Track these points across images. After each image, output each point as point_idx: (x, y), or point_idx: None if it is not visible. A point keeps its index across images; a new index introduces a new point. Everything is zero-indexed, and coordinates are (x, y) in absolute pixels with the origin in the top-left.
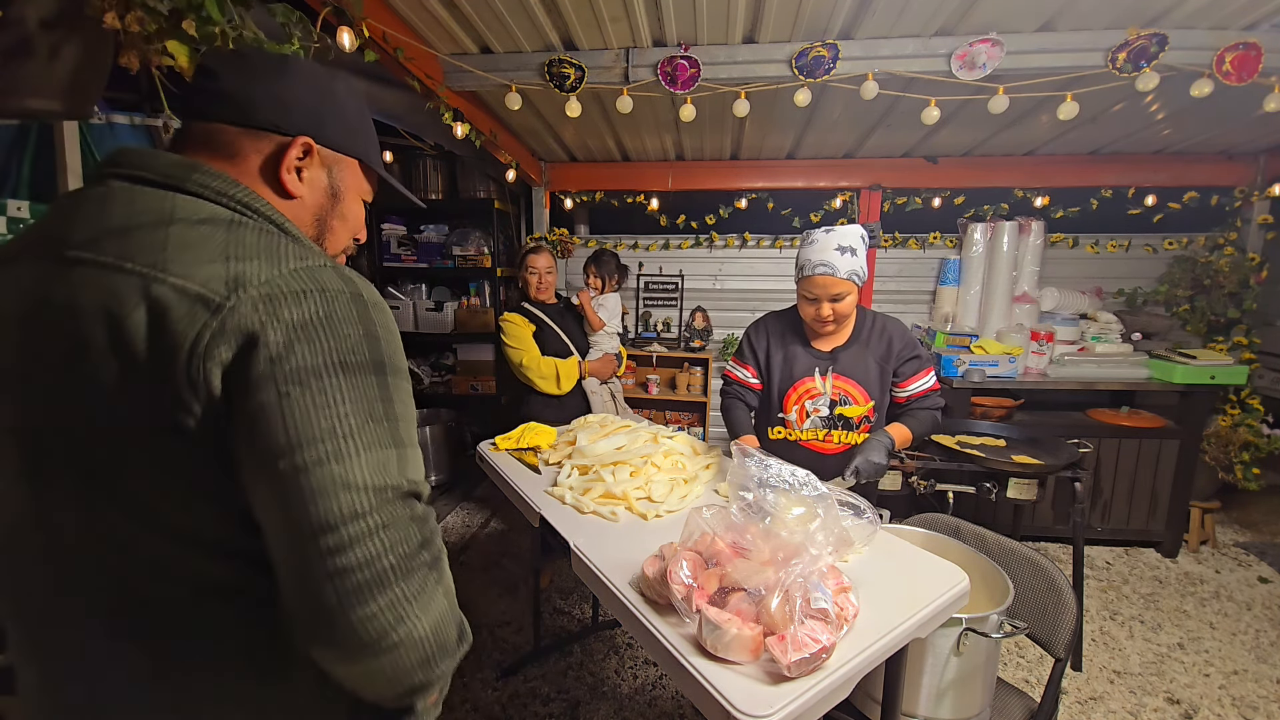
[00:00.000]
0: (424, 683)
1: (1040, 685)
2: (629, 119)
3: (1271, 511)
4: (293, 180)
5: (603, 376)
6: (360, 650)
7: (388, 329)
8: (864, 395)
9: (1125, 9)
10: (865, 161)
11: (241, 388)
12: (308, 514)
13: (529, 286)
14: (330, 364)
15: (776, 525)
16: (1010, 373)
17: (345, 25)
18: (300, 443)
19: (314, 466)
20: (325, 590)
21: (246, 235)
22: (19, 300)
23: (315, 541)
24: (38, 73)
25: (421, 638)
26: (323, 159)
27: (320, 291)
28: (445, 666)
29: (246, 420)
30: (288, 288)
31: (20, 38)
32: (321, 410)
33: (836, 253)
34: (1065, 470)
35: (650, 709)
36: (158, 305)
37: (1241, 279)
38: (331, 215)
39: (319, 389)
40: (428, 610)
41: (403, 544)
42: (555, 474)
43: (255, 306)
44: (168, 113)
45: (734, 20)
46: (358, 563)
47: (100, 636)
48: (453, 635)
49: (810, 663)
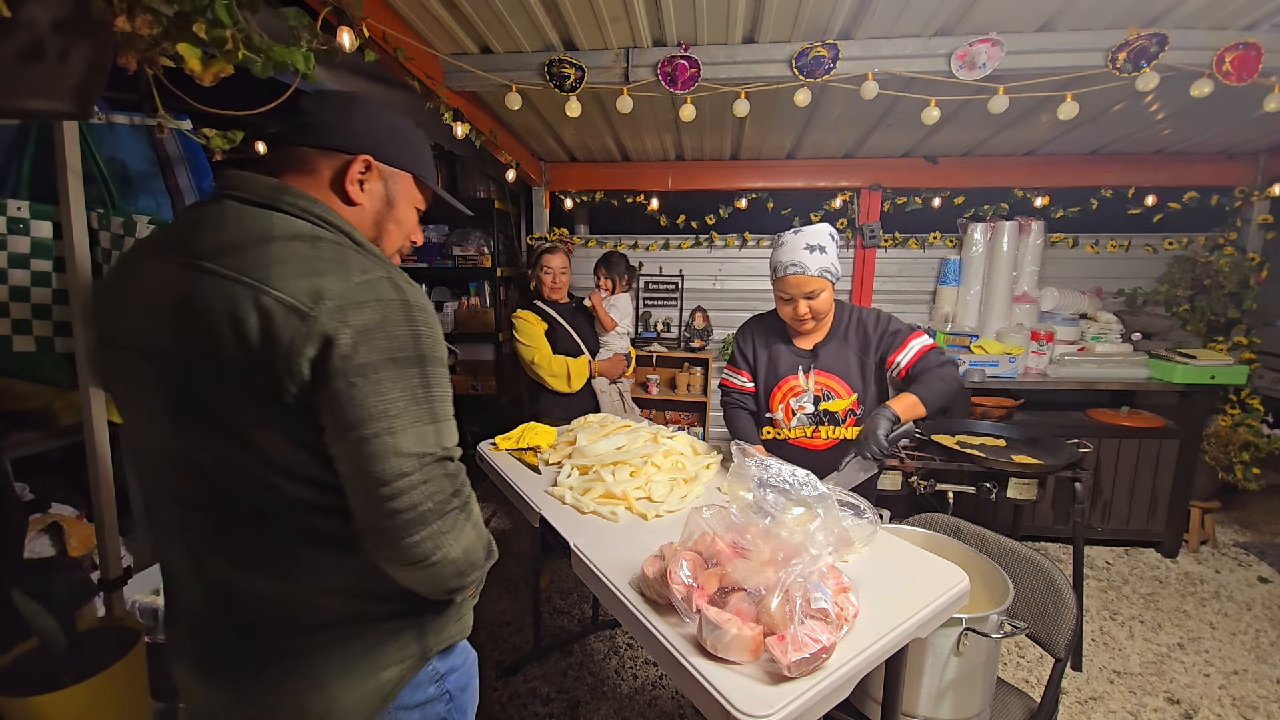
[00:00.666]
0: (459, 587)
1: (1040, 685)
2: (629, 119)
3: (1271, 511)
4: (355, 190)
5: (612, 376)
6: (410, 565)
7: (429, 326)
8: (846, 389)
9: (1125, 9)
10: (865, 161)
11: (322, 376)
12: (369, 472)
13: (542, 285)
14: (384, 360)
15: (776, 525)
16: (1010, 373)
17: (345, 25)
18: (363, 420)
19: (373, 439)
20: (383, 524)
21: (324, 250)
22: (169, 292)
23: (376, 491)
24: (38, 73)
25: (455, 559)
26: (380, 173)
27: (378, 301)
28: (475, 576)
29: (326, 401)
30: (354, 299)
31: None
32: (378, 396)
33: (805, 251)
34: (1065, 470)
35: (650, 709)
36: (265, 312)
37: (1241, 279)
38: (387, 220)
39: (376, 380)
40: (459, 540)
41: (438, 494)
42: (555, 474)
43: (331, 315)
44: (162, 113)
45: (734, 20)
46: (406, 506)
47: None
48: (480, 555)
49: (810, 663)
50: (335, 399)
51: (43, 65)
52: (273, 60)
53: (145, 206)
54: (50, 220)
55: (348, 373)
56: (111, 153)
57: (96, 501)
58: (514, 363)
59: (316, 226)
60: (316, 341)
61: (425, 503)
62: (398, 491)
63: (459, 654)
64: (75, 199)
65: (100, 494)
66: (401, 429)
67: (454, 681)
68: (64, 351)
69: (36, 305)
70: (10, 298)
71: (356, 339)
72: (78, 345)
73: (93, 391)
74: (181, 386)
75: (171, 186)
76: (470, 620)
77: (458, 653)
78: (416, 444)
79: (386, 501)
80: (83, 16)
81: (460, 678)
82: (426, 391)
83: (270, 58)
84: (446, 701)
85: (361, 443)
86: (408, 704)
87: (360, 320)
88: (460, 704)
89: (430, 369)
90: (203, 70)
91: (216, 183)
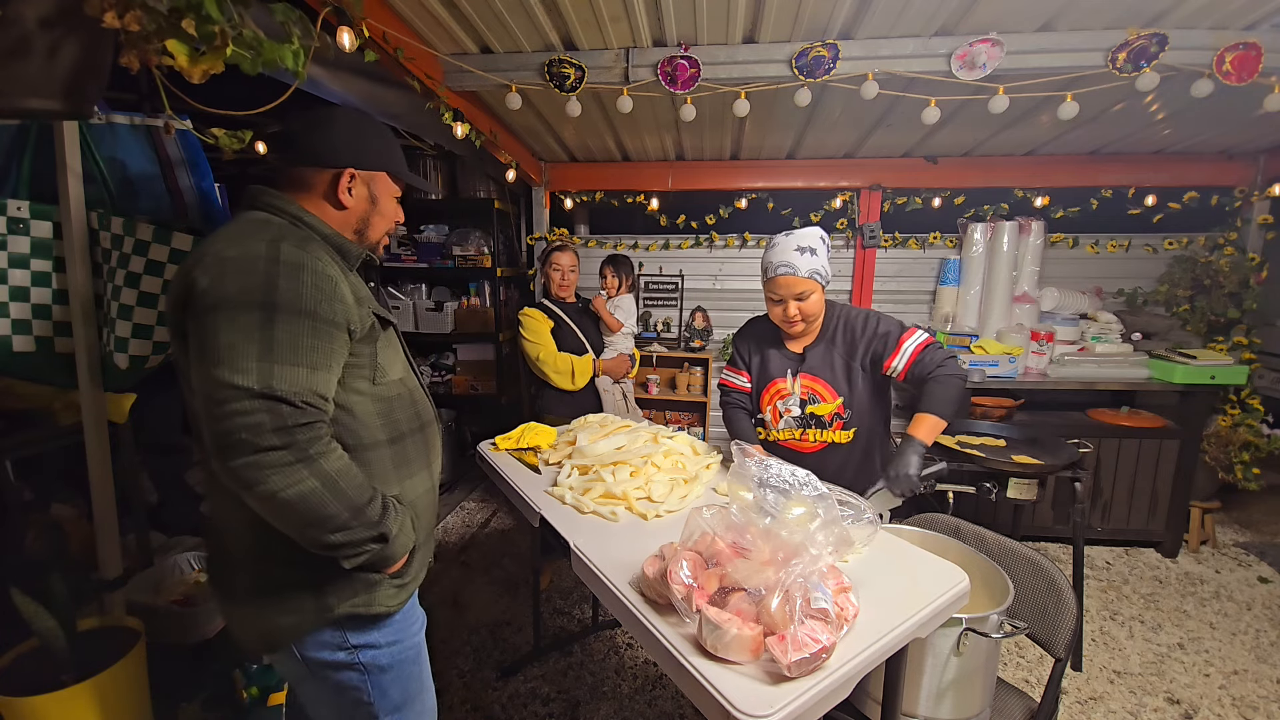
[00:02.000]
0: (321, 541)
1: (1040, 685)
2: (629, 119)
3: (1271, 511)
4: (345, 197)
5: (616, 375)
6: (238, 487)
7: (296, 280)
8: (831, 393)
9: (1125, 9)
10: (865, 161)
11: (190, 314)
12: (200, 393)
13: (551, 283)
14: (225, 301)
15: (776, 525)
16: (1010, 373)
17: (345, 25)
18: (203, 349)
19: (206, 365)
20: (211, 445)
21: (247, 228)
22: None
23: (204, 413)
24: (37, 72)
25: (289, 499)
26: (362, 178)
27: (242, 257)
28: (339, 537)
29: (191, 334)
30: (223, 255)
31: (20, 37)
32: (214, 330)
33: (796, 253)
34: (1065, 470)
35: (650, 709)
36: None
37: (1241, 279)
38: (372, 214)
39: (215, 316)
40: (290, 482)
41: (254, 427)
42: (555, 474)
43: (203, 268)
44: (168, 112)
45: (734, 20)
46: (221, 431)
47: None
48: (333, 512)
49: (810, 663)
50: (193, 333)
51: (41, 65)
52: (263, 57)
53: (145, 206)
54: (50, 220)
55: (199, 311)
56: (111, 153)
57: (96, 501)
58: (514, 363)
59: (270, 215)
60: (189, 286)
61: (239, 431)
62: (217, 417)
63: (385, 634)
64: (75, 199)
65: (100, 494)
66: (226, 360)
67: (370, 657)
68: (64, 351)
69: (36, 305)
70: (10, 298)
71: (210, 284)
72: (78, 345)
73: (93, 391)
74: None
75: (172, 187)
76: (387, 603)
77: (383, 632)
78: (236, 376)
79: (211, 424)
80: (76, 15)
81: (381, 657)
82: (264, 333)
83: (260, 54)
84: (360, 673)
85: (199, 368)
86: (314, 659)
87: (219, 269)
88: (379, 683)
89: (281, 315)
90: (191, 66)
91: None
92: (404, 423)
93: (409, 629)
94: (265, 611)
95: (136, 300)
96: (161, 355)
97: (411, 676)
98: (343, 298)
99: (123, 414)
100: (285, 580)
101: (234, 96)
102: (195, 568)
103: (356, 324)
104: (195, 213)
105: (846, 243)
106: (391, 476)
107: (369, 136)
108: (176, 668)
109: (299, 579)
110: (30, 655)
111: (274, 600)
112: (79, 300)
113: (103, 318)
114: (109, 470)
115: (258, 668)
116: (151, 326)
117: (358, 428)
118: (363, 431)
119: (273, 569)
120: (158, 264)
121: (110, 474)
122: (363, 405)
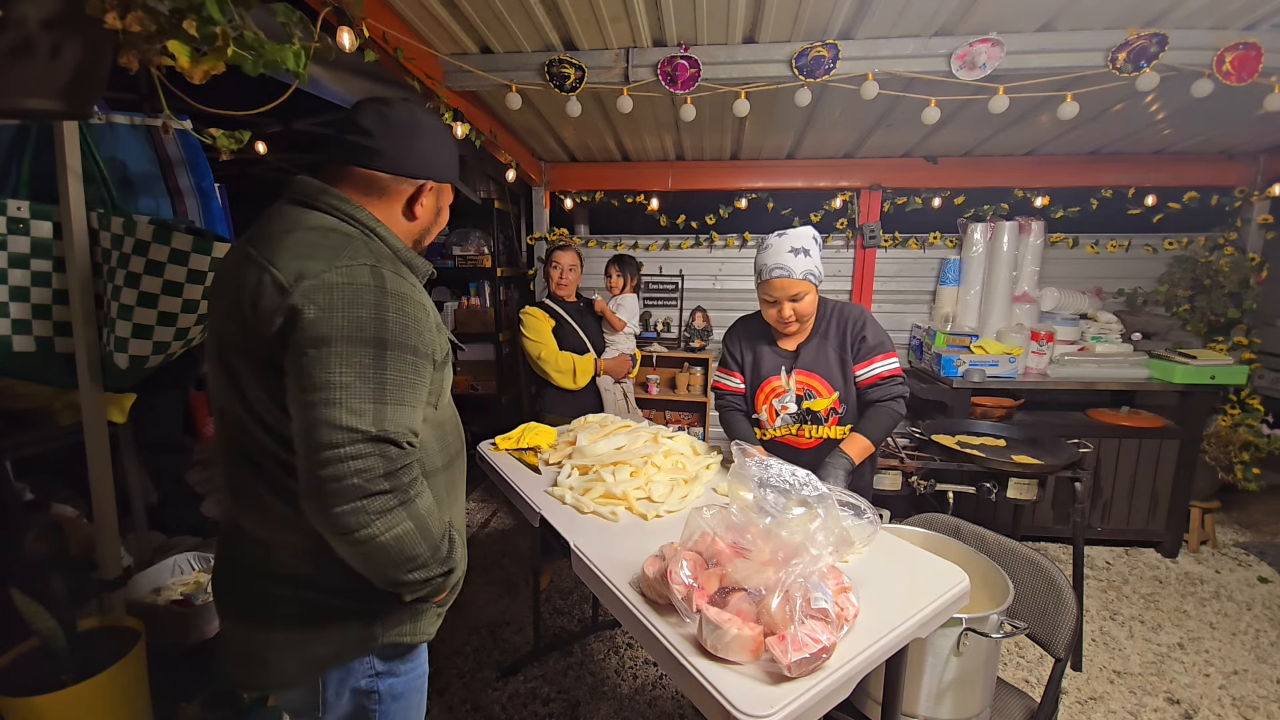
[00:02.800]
0: (401, 580)
1: (1040, 685)
2: (629, 119)
3: (1271, 511)
4: (419, 209)
5: (617, 375)
6: (338, 536)
7: (402, 313)
8: (827, 388)
9: (1125, 9)
10: (865, 161)
11: (289, 343)
12: (306, 435)
13: (550, 281)
14: (339, 336)
15: (777, 525)
16: (1010, 373)
17: (345, 25)
18: (310, 387)
19: (313, 405)
20: (313, 488)
21: (331, 239)
22: (227, 272)
23: (309, 455)
24: (37, 72)
25: (385, 544)
26: (435, 189)
27: (349, 284)
28: (418, 575)
29: (289, 365)
30: (328, 280)
31: (20, 37)
32: (325, 367)
33: (790, 254)
34: (1065, 470)
35: (650, 709)
36: (262, 285)
37: (1241, 279)
38: (434, 225)
39: (328, 352)
40: (391, 526)
41: (367, 471)
42: (555, 474)
43: (304, 293)
44: (167, 112)
45: (734, 20)
46: (331, 476)
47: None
48: (422, 552)
49: (810, 663)
50: (294, 364)
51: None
52: (264, 58)
53: (145, 206)
54: (50, 220)
55: (304, 343)
56: (111, 153)
57: (96, 501)
58: (515, 362)
59: (342, 221)
60: (286, 313)
61: (351, 477)
62: (326, 460)
63: (406, 661)
64: (75, 199)
65: (100, 494)
66: (340, 401)
67: (387, 685)
68: (64, 351)
69: (36, 305)
70: (10, 298)
71: (319, 314)
72: (78, 345)
73: (93, 391)
74: (219, 347)
75: (172, 187)
76: (428, 630)
77: (405, 660)
78: (351, 418)
79: (317, 468)
80: (77, 15)
81: (397, 686)
82: (378, 373)
83: (262, 55)
84: (375, 701)
85: (306, 407)
86: (334, 689)
87: (327, 299)
88: (388, 712)
89: (391, 352)
90: (192, 67)
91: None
92: (453, 445)
93: (423, 658)
94: (305, 640)
95: (136, 300)
96: (161, 355)
97: (414, 707)
98: (430, 328)
99: (123, 414)
100: (336, 609)
101: (233, 96)
102: (195, 568)
103: (439, 353)
104: (195, 213)
105: (846, 243)
106: (445, 502)
107: (448, 146)
108: (176, 668)
109: (351, 608)
110: (30, 655)
111: (317, 630)
112: (79, 300)
113: (103, 318)
114: (109, 470)
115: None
116: (151, 326)
117: (424, 457)
118: (427, 460)
119: (325, 599)
120: (158, 264)
121: (110, 474)
122: (427, 432)
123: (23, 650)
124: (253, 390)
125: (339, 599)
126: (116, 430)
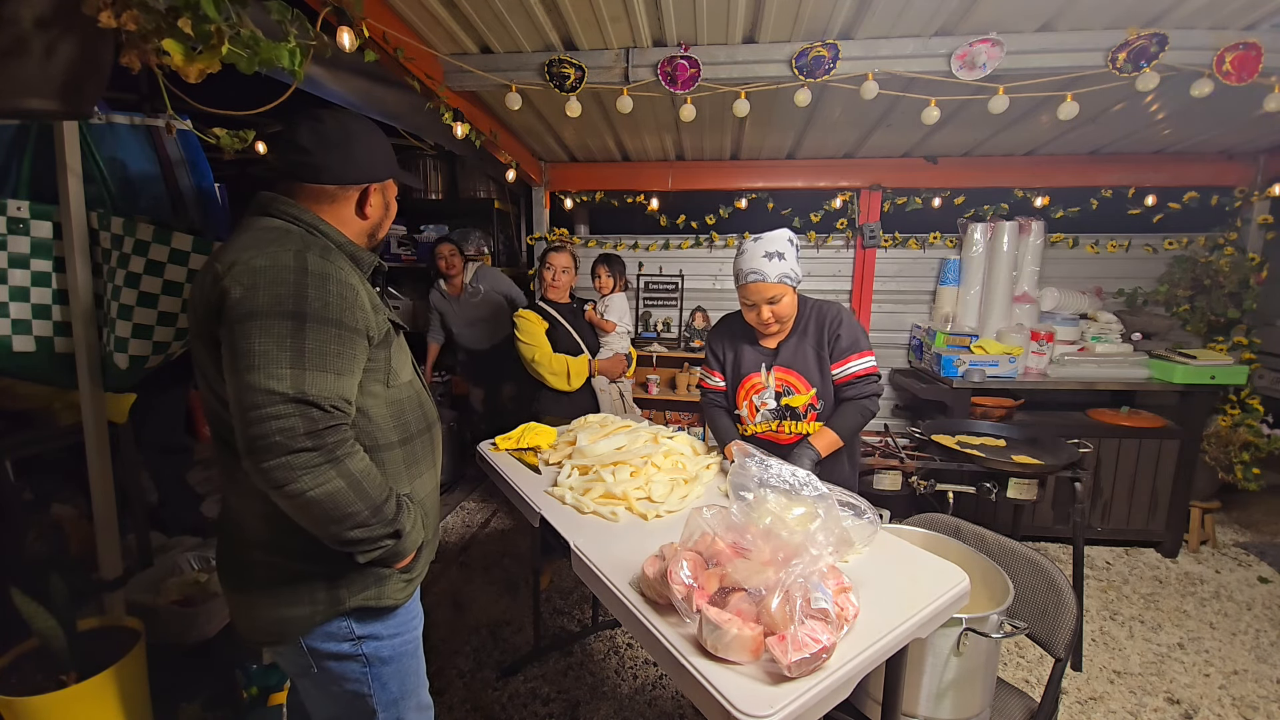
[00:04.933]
0: (340, 537)
1: (1040, 685)
2: (629, 119)
3: (1271, 511)
4: (368, 209)
5: (612, 375)
6: (268, 486)
7: (323, 290)
8: (805, 384)
9: (1125, 9)
10: (865, 161)
11: (222, 322)
12: (235, 400)
13: (543, 282)
14: (258, 310)
15: (777, 525)
16: (1010, 373)
17: (345, 25)
18: (236, 356)
19: (239, 373)
20: (245, 447)
21: (269, 235)
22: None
23: (238, 417)
24: (36, 72)
25: (317, 499)
26: (379, 188)
27: (272, 266)
28: (359, 533)
29: (223, 342)
30: (253, 265)
31: (20, 37)
32: (247, 338)
33: (764, 259)
34: (1065, 470)
35: (650, 709)
36: (209, 277)
37: (1241, 279)
38: (385, 218)
39: (249, 325)
40: (320, 482)
41: (288, 430)
42: (555, 474)
43: (233, 277)
44: (169, 112)
45: (734, 20)
46: (257, 434)
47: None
48: (356, 509)
49: (810, 663)
50: (226, 339)
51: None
52: (259, 57)
53: (145, 206)
54: (50, 220)
55: (233, 320)
56: (111, 153)
57: (96, 501)
58: (515, 362)
59: (287, 222)
60: (219, 295)
61: (274, 435)
62: (251, 420)
63: (388, 626)
64: (75, 199)
65: (100, 494)
66: (260, 367)
67: (372, 648)
68: (64, 351)
69: (36, 305)
70: (10, 298)
71: (244, 293)
72: (78, 345)
73: (93, 391)
74: (192, 340)
75: (172, 187)
76: (395, 595)
77: (386, 624)
78: (270, 381)
79: (245, 427)
80: (75, 15)
81: (383, 649)
82: (296, 341)
83: (257, 54)
84: (363, 664)
85: (234, 374)
86: (320, 650)
87: (251, 279)
88: (379, 675)
89: (311, 324)
90: (186, 65)
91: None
92: (413, 424)
93: (411, 623)
94: (280, 603)
95: (136, 300)
96: (161, 355)
97: (410, 671)
98: (362, 305)
99: (123, 414)
100: (302, 573)
101: (235, 96)
102: (195, 568)
103: (375, 330)
104: (195, 213)
105: (846, 243)
106: (403, 476)
107: (381, 145)
108: (176, 668)
109: (315, 572)
110: (30, 655)
111: (289, 592)
112: (79, 300)
113: (103, 318)
114: (109, 470)
115: (258, 668)
116: (151, 326)
117: (373, 429)
118: (378, 433)
119: (290, 562)
120: (158, 264)
121: (110, 474)
122: (377, 408)
123: (23, 650)
124: (211, 373)
125: (301, 563)
126: (116, 430)
